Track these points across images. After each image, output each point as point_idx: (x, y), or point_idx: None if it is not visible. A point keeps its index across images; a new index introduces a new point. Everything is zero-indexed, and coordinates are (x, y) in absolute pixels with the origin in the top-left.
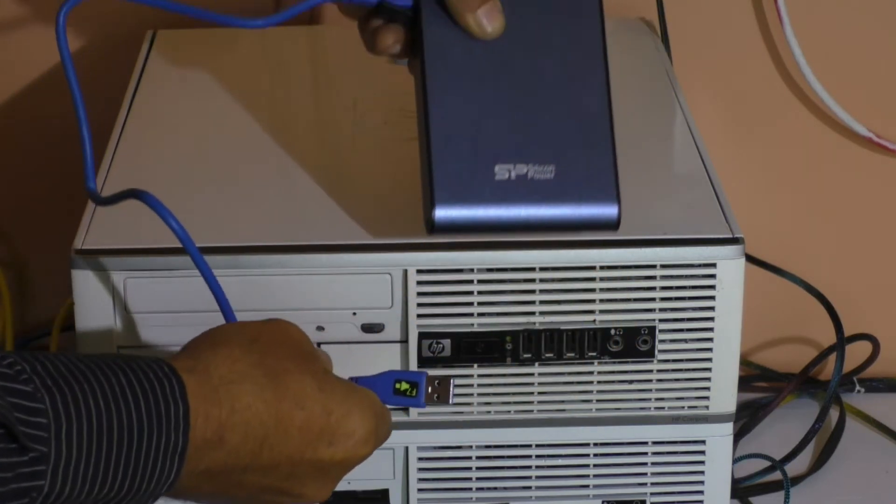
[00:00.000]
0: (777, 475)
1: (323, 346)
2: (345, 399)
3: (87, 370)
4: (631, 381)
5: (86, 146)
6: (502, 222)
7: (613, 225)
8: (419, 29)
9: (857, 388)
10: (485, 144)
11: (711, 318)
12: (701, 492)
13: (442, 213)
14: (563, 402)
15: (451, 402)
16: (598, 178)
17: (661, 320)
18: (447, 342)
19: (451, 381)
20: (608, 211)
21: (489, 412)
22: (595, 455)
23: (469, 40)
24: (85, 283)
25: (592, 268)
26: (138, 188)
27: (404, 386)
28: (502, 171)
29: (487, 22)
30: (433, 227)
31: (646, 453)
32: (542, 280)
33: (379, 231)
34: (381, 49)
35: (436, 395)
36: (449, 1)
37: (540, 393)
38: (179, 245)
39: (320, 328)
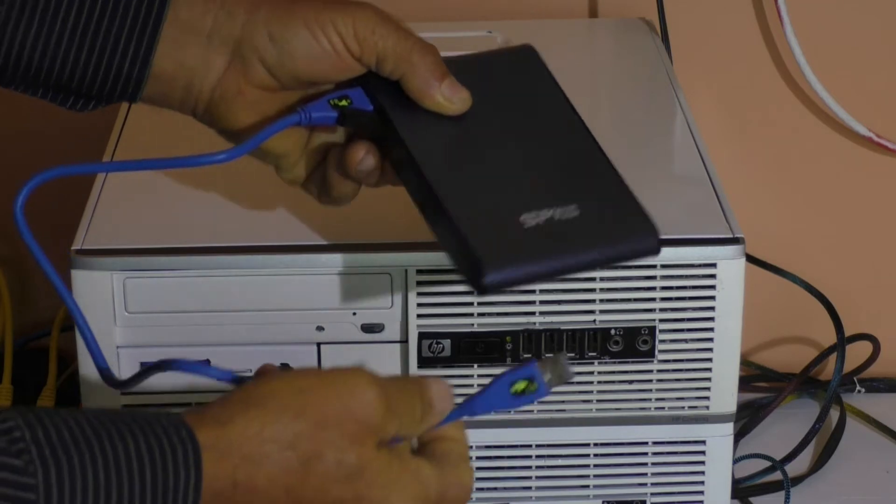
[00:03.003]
0: (777, 475)
1: (323, 346)
2: (385, 485)
3: (93, 436)
4: (631, 381)
5: (92, 348)
6: (550, 268)
7: (654, 250)
8: (391, 126)
9: (858, 388)
10: (502, 203)
11: (711, 318)
12: (701, 492)
13: (491, 276)
14: (563, 402)
15: (570, 375)
16: (625, 209)
17: (661, 320)
18: (447, 342)
19: (563, 354)
20: (648, 240)
21: (489, 412)
22: (595, 455)
23: (440, 123)
24: (85, 283)
25: None
26: (163, 360)
27: (521, 385)
28: (529, 219)
29: (452, 94)
30: (485, 289)
31: (646, 453)
32: None
33: (379, 231)
34: (354, 164)
35: (557, 378)
36: (410, 88)
37: None
38: (179, 245)
39: (320, 328)
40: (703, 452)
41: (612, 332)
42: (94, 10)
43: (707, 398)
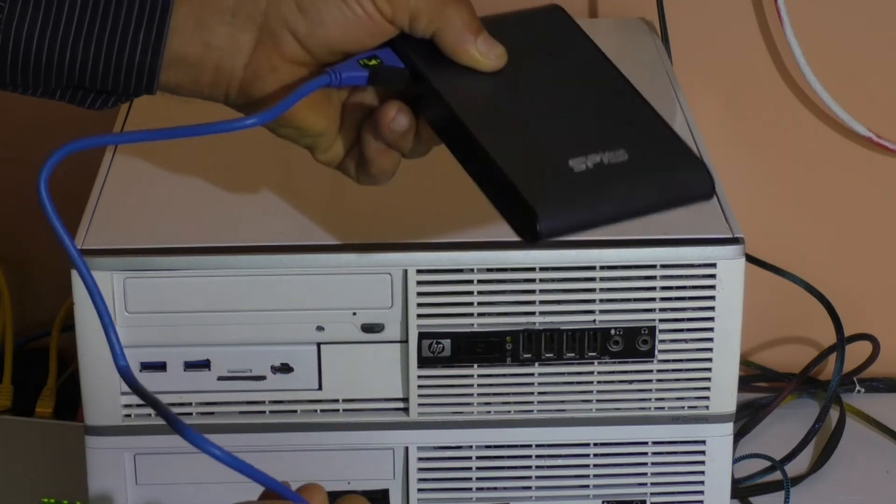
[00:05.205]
0: (777, 475)
1: (323, 346)
2: None
3: None
4: (631, 381)
5: (109, 332)
6: (604, 214)
7: (708, 194)
8: (425, 81)
9: (857, 388)
10: (549, 148)
11: (711, 318)
12: (701, 492)
13: (545, 222)
14: (563, 402)
15: None
16: (674, 152)
17: (661, 320)
18: (447, 342)
19: None
20: (701, 185)
21: (489, 412)
22: (595, 455)
23: (475, 77)
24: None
25: (592, 268)
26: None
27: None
28: (578, 164)
29: (488, 50)
30: (539, 236)
31: (646, 453)
32: (542, 280)
33: (379, 231)
34: (387, 123)
35: None
36: (444, 42)
37: (540, 393)
38: (179, 245)
39: (320, 328)
40: (702, 452)
41: (612, 332)
42: (99, 1)
43: (707, 398)
